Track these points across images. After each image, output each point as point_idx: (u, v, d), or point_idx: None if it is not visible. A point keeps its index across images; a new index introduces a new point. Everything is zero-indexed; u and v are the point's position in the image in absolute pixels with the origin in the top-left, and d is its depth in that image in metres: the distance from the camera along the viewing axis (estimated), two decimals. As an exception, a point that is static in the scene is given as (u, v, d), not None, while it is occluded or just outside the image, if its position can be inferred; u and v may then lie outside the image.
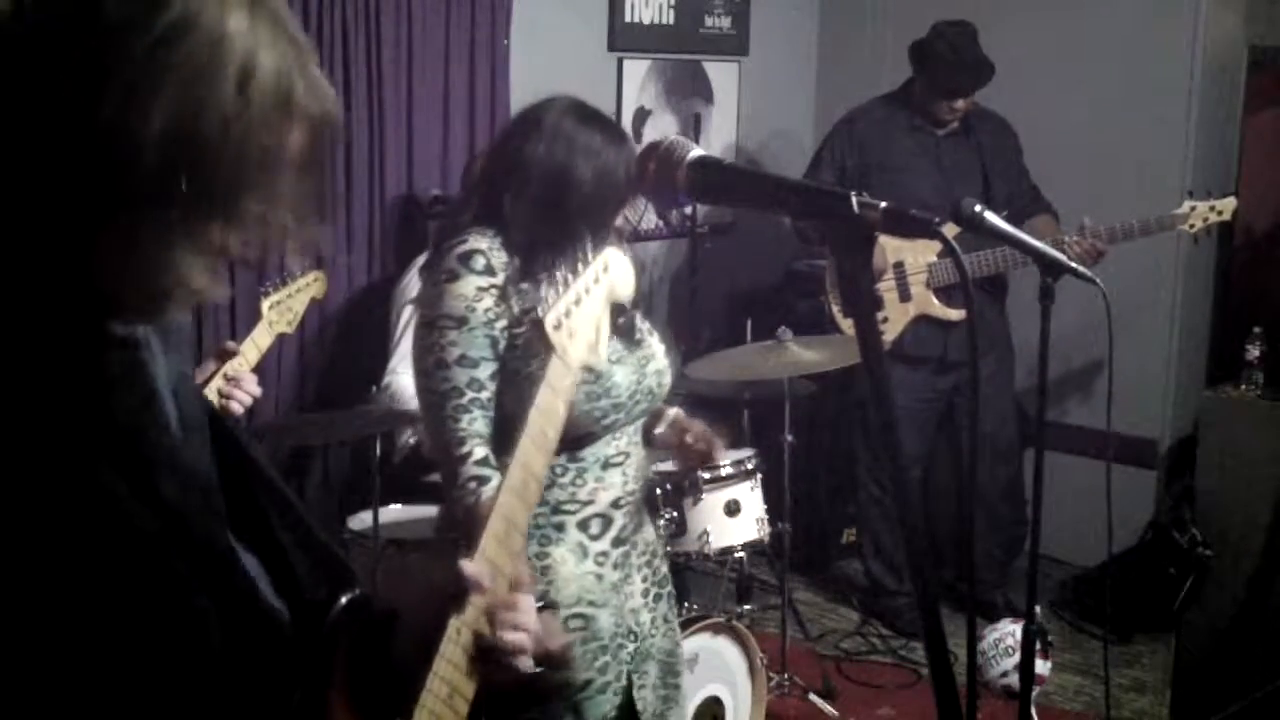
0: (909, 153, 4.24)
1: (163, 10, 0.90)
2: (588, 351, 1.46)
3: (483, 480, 2.08)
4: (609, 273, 1.53)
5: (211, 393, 2.48)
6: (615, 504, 2.21)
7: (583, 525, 2.19)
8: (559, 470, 2.17)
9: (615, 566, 2.23)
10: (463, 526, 2.13)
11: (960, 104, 4.16)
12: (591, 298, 1.49)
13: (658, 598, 2.34)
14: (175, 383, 1.04)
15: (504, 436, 2.15)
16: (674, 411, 2.42)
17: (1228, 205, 4.03)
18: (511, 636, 1.23)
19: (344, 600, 1.12)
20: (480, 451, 2.10)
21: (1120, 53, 4.65)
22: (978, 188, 4.14)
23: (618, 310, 2.29)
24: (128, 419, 0.94)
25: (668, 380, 2.33)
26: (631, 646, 2.25)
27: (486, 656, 1.23)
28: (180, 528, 0.95)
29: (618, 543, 2.23)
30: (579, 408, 2.11)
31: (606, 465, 2.20)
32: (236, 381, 2.53)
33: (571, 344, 1.44)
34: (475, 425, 2.10)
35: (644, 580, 2.31)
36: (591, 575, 2.19)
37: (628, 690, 2.24)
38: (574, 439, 2.15)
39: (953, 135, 4.26)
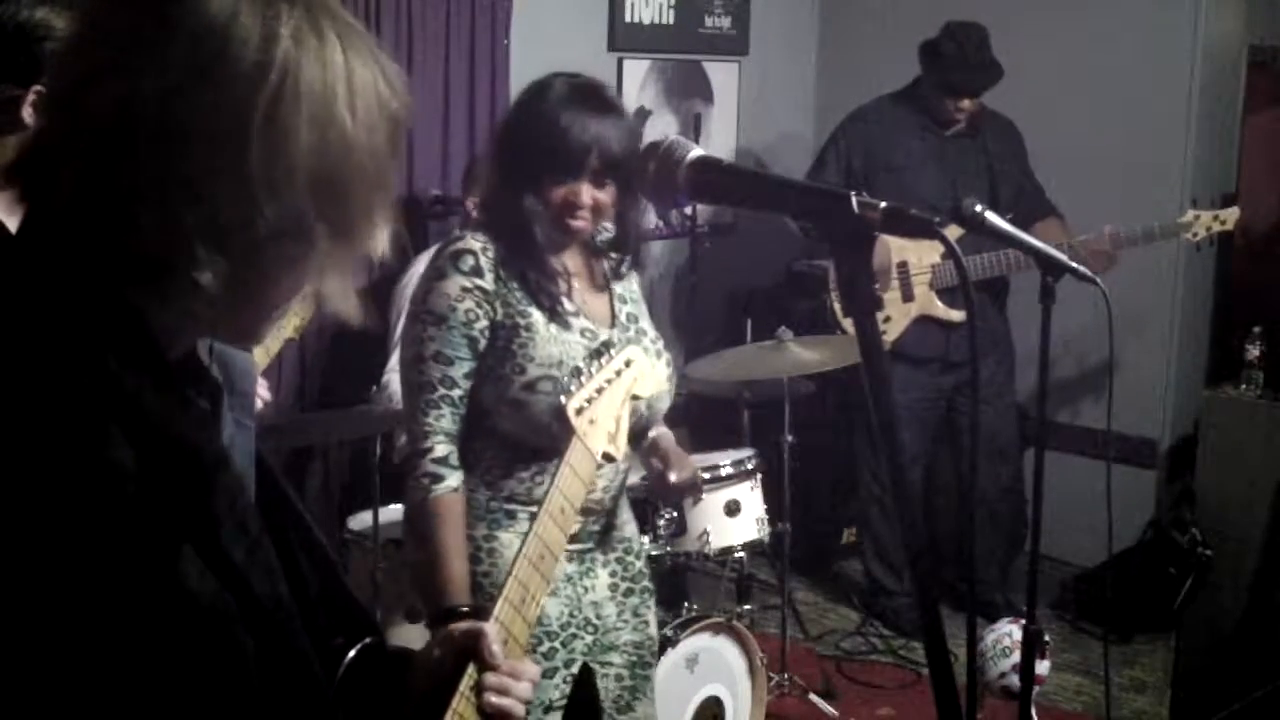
0: (915, 153, 4.23)
1: (274, 50, 0.90)
2: (607, 441, 1.55)
3: (437, 478, 2.11)
4: (631, 368, 1.60)
5: None
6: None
7: (535, 518, 2.19)
8: (519, 465, 2.19)
9: (569, 559, 2.23)
10: (412, 518, 2.16)
11: (967, 104, 4.16)
12: (613, 390, 1.57)
13: (628, 592, 2.35)
14: (233, 432, 1.05)
15: (477, 428, 2.19)
16: (655, 433, 2.39)
17: (1231, 215, 4.04)
18: (499, 701, 1.27)
19: (358, 648, 1.12)
20: (441, 449, 2.12)
21: (1120, 53, 4.65)
22: (984, 189, 4.14)
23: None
24: (199, 482, 0.92)
25: (662, 406, 2.32)
26: (589, 638, 2.26)
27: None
28: (248, 596, 0.93)
29: (572, 539, 2.22)
30: (542, 418, 2.11)
31: None
32: None
33: (592, 431, 1.52)
34: (442, 422, 2.13)
35: (611, 575, 2.32)
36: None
37: (580, 679, 2.25)
38: (535, 447, 2.16)
39: (959, 136, 4.25)
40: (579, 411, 1.55)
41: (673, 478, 2.30)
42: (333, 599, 1.13)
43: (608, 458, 1.62)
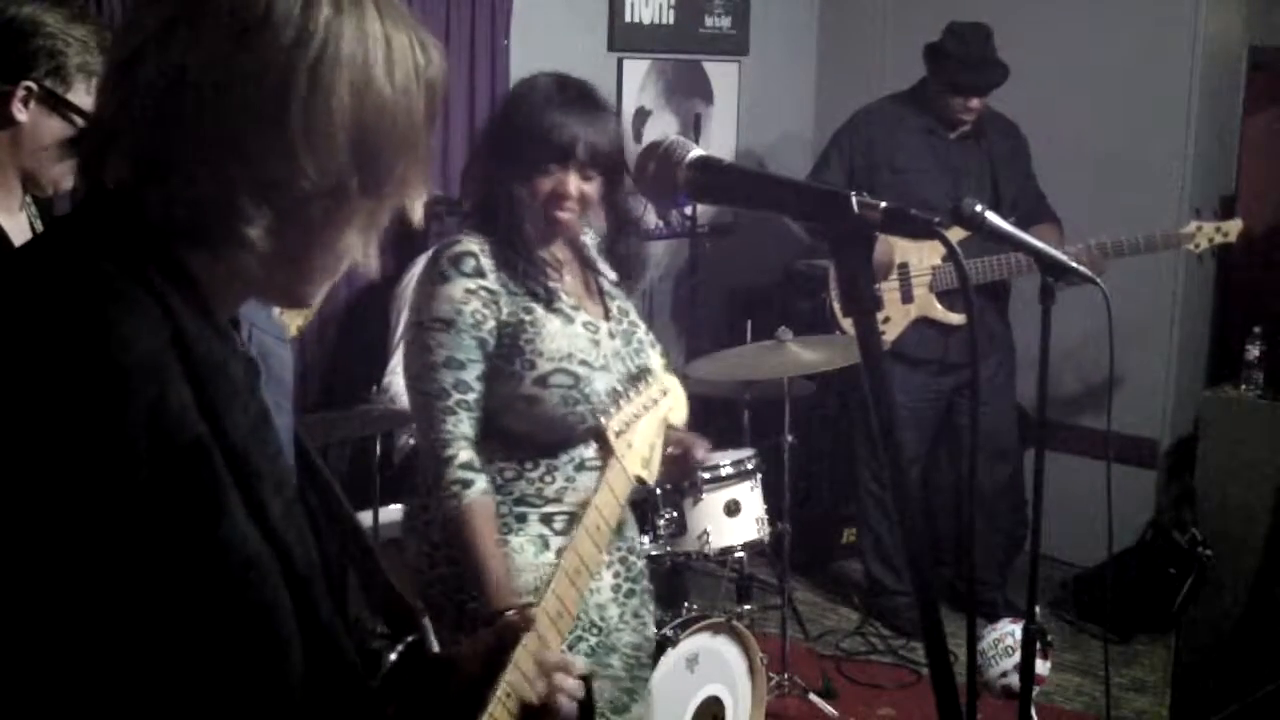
0: (918, 154, 4.22)
1: (316, 17, 0.94)
2: (641, 465, 1.59)
3: (466, 484, 2.10)
4: (668, 397, 1.64)
5: None
6: (584, 505, 2.20)
7: (546, 520, 2.20)
8: (529, 465, 2.19)
9: None
10: (446, 530, 2.14)
11: (975, 103, 4.14)
12: (650, 416, 1.61)
13: (630, 594, 2.35)
14: (272, 408, 1.06)
15: (485, 430, 2.18)
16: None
17: (1233, 228, 4.05)
18: (564, 702, 1.32)
19: (401, 646, 1.12)
20: (465, 455, 2.12)
21: (1120, 53, 4.65)
22: (986, 191, 4.13)
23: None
24: (243, 437, 0.94)
25: None
26: (593, 640, 2.26)
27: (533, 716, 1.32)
28: (284, 554, 0.95)
29: None
30: (555, 411, 2.12)
31: (581, 468, 2.20)
32: None
33: (629, 454, 1.54)
34: (461, 428, 2.12)
35: (615, 576, 2.32)
36: (550, 566, 2.19)
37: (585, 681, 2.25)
38: (547, 443, 2.17)
39: (963, 138, 4.24)
40: (618, 434, 1.57)
41: (699, 454, 2.30)
42: (374, 590, 1.14)
43: (640, 481, 1.64)
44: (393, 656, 1.11)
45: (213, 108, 0.92)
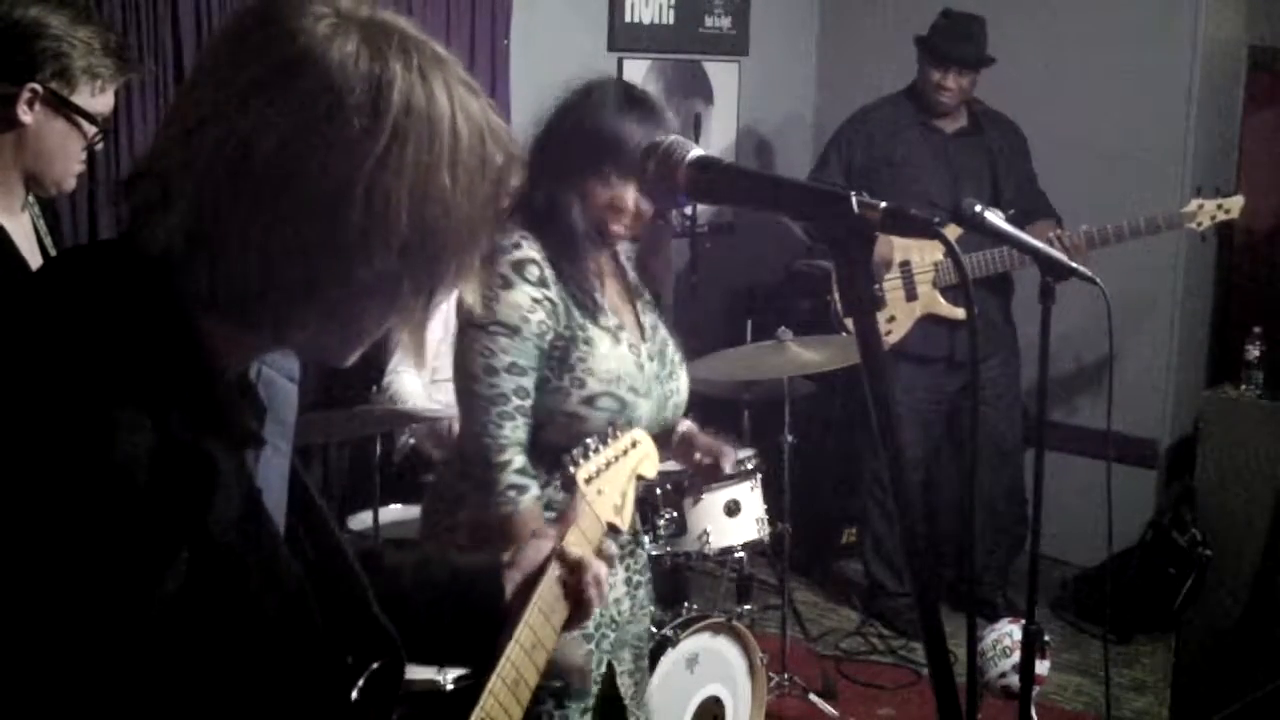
0: (916, 150, 4.22)
1: (385, 116, 0.91)
2: (613, 512, 1.61)
3: (521, 489, 2.10)
4: (638, 448, 1.69)
5: None
6: None
7: None
8: (558, 474, 2.17)
9: None
10: (498, 533, 2.12)
11: (951, 80, 4.13)
12: (620, 466, 1.67)
13: (638, 585, 2.37)
14: (269, 455, 1.05)
15: (530, 440, 2.17)
16: (684, 427, 2.41)
17: (1235, 204, 4.03)
18: (592, 590, 1.42)
19: (367, 674, 1.11)
20: (520, 461, 2.11)
21: (1120, 53, 4.65)
22: (986, 188, 4.13)
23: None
24: (229, 534, 0.92)
25: (682, 412, 2.34)
26: (612, 635, 2.28)
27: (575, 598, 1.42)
28: (279, 646, 0.95)
29: None
30: (597, 432, 2.08)
31: None
32: None
33: (600, 500, 1.57)
34: (517, 433, 2.11)
35: (626, 570, 2.33)
36: None
37: (608, 678, 2.25)
38: None
39: (962, 135, 4.24)
40: (588, 480, 1.60)
41: (726, 466, 2.34)
42: (356, 621, 1.13)
43: (613, 528, 1.65)
44: (364, 675, 1.11)
45: (271, 194, 0.90)
